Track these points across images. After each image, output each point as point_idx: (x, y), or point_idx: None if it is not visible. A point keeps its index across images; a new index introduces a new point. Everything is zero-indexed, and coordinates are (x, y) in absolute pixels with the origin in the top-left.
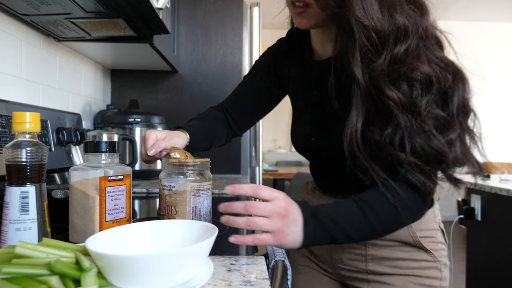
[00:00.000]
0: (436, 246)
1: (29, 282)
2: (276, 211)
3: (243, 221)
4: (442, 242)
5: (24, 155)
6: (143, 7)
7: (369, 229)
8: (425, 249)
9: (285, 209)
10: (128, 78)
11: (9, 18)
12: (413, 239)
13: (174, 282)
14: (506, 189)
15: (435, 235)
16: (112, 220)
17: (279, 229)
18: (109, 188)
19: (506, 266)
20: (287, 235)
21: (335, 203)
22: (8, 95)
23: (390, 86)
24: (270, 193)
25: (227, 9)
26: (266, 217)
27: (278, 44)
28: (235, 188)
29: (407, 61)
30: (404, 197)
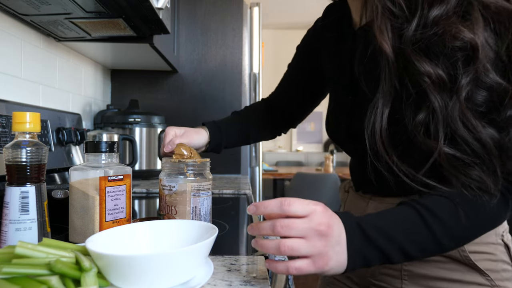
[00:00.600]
0: (495, 266)
1: (29, 282)
2: (314, 228)
3: (273, 245)
4: (505, 261)
5: (24, 155)
6: (143, 7)
7: (434, 243)
8: (478, 269)
9: (326, 225)
10: (128, 78)
11: (9, 18)
12: (460, 254)
13: (174, 282)
14: None
15: (494, 251)
16: (112, 220)
17: (320, 252)
18: (109, 188)
19: None
20: (330, 259)
21: (386, 211)
22: (8, 95)
23: (424, 58)
24: (304, 206)
25: (227, 9)
26: (302, 238)
27: (315, 23)
28: (258, 207)
29: (445, 26)
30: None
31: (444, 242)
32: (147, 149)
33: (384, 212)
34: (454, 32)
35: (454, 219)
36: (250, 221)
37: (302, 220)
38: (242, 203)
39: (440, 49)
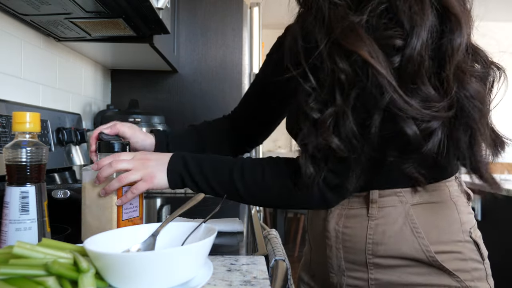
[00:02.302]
0: (464, 266)
1: (26, 282)
2: (136, 162)
3: (115, 181)
4: (475, 259)
5: (24, 155)
6: (143, 7)
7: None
8: (446, 270)
9: (144, 157)
10: (128, 78)
11: (9, 18)
12: (426, 256)
13: (173, 282)
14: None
15: (461, 249)
16: (128, 219)
17: (145, 173)
18: (125, 187)
19: (507, 266)
20: (154, 177)
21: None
22: (8, 95)
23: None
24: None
25: (227, 9)
26: (132, 169)
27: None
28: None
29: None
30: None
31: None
32: None
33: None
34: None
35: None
36: (250, 221)
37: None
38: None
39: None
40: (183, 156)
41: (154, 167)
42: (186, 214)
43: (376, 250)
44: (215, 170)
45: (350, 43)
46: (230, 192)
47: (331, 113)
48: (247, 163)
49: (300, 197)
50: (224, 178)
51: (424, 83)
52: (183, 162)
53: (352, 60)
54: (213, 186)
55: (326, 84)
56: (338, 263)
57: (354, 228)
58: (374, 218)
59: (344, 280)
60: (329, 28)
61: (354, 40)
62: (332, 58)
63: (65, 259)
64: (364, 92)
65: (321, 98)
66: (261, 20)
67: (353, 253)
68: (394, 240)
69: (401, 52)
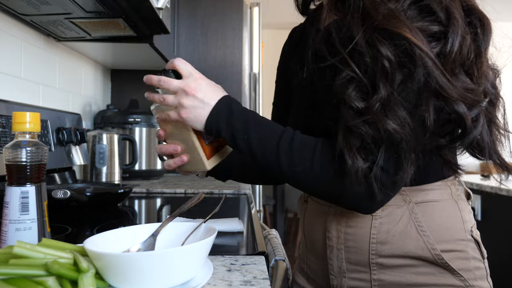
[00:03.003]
0: (467, 265)
1: (26, 282)
2: (182, 88)
3: (158, 96)
4: (477, 258)
5: (24, 155)
6: (143, 7)
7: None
8: (451, 270)
9: (193, 89)
10: (128, 78)
11: (9, 18)
12: (432, 254)
13: (173, 282)
14: (506, 189)
15: (464, 248)
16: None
17: (182, 105)
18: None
19: (506, 266)
20: (189, 113)
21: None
22: (8, 95)
23: (384, 42)
24: (185, 67)
25: (227, 9)
26: (174, 93)
27: (289, 36)
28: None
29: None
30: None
31: (281, 159)
32: (147, 149)
33: (258, 114)
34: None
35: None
36: (250, 221)
37: (178, 80)
38: (242, 203)
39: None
40: (229, 106)
41: (195, 109)
42: (186, 214)
43: (380, 250)
44: (261, 135)
45: (395, 27)
46: (270, 163)
47: (377, 99)
48: (298, 137)
49: (348, 195)
50: (268, 147)
51: (461, 72)
52: (227, 113)
53: (396, 44)
54: (253, 151)
55: (368, 72)
56: (338, 264)
57: (357, 228)
58: (378, 217)
59: (345, 282)
60: (368, 16)
61: (398, 24)
62: (373, 45)
63: (65, 259)
64: (410, 76)
65: (362, 86)
66: (261, 20)
67: (356, 254)
68: (398, 239)
69: (441, 39)
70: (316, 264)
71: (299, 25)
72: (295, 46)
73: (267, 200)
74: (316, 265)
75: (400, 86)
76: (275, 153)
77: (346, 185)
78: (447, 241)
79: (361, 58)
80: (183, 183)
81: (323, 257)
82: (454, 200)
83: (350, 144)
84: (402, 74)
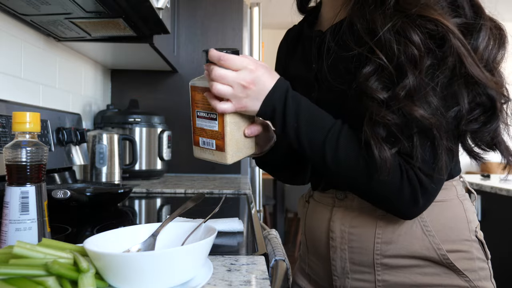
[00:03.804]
0: (472, 265)
1: (26, 282)
2: (238, 82)
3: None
4: (481, 258)
5: (24, 155)
6: (143, 7)
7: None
8: (456, 270)
9: (249, 82)
10: (128, 78)
11: (9, 18)
12: (438, 254)
13: (173, 282)
14: (506, 189)
15: (469, 248)
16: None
17: (239, 101)
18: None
19: (506, 266)
20: (246, 107)
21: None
22: (8, 95)
23: (415, 29)
24: (238, 62)
25: (227, 9)
26: (230, 86)
27: (286, 34)
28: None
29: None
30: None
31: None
32: (147, 149)
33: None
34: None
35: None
36: (250, 221)
37: (233, 73)
38: (242, 203)
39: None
40: (285, 92)
41: (251, 97)
42: (186, 214)
43: (385, 250)
44: (310, 125)
45: (431, 14)
46: (315, 154)
47: (403, 87)
48: (346, 132)
49: (393, 196)
50: (315, 139)
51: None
52: (283, 98)
53: (429, 31)
54: (300, 140)
55: (395, 61)
56: (342, 265)
57: (362, 228)
58: (383, 217)
59: (349, 282)
60: (400, 7)
61: (434, 13)
62: (403, 34)
63: (65, 259)
64: (443, 63)
65: (385, 77)
66: (261, 20)
67: (360, 254)
68: (404, 239)
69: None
70: (318, 265)
71: (294, 26)
72: (294, 46)
73: (267, 200)
74: (318, 266)
75: (430, 72)
76: (321, 146)
77: (391, 185)
78: (452, 242)
79: (389, 47)
80: (183, 183)
81: (325, 258)
82: (459, 200)
83: (376, 134)
84: (434, 60)
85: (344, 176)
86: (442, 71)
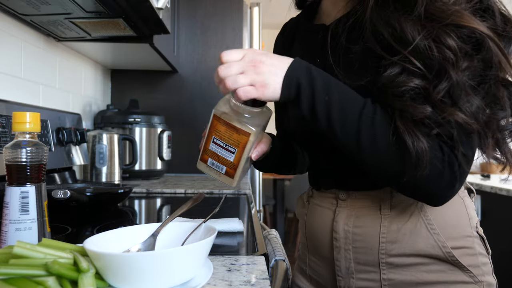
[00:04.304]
0: (475, 261)
1: (26, 282)
2: (247, 65)
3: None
4: (483, 253)
5: (24, 155)
6: (143, 7)
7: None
8: (461, 266)
9: (257, 61)
10: (128, 78)
11: (9, 18)
12: (443, 252)
13: (173, 282)
14: (506, 189)
15: (472, 244)
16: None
17: (256, 79)
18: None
19: (506, 266)
20: (266, 85)
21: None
22: (8, 95)
23: (451, 34)
24: (236, 52)
25: (227, 9)
26: (241, 73)
27: (282, 29)
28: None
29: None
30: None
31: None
32: (147, 149)
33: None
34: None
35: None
36: (250, 221)
37: (237, 61)
38: (242, 203)
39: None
40: (308, 66)
41: (267, 73)
42: (186, 214)
43: (390, 249)
44: (343, 100)
45: (468, 22)
46: (347, 132)
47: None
48: (380, 109)
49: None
50: (349, 114)
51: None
52: (307, 72)
53: (465, 37)
54: (332, 116)
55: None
56: (346, 265)
57: (366, 227)
58: (387, 216)
59: (353, 282)
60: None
61: (471, 20)
62: (438, 41)
63: (65, 259)
64: (481, 66)
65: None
66: (261, 20)
67: (365, 254)
68: (409, 237)
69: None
70: (320, 266)
71: (291, 19)
72: (291, 40)
73: (267, 200)
74: (321, 267)
75: (469, 75)
76: (357, 122)
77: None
78: (455, 238)
79: (425, 55)
80: (183, 183)
81: (328, 259)
82: (460, 197)
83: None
84: (471, 63)
85: (377, 160)
86: (482, 74)
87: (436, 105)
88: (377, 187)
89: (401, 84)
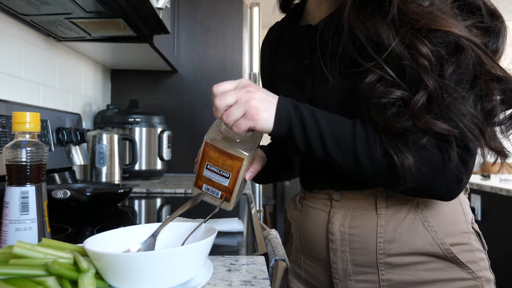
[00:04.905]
0: (473, 257)
1: (26, 282)
2: (241, 90)
3: (223, 116)
4: (480, 249)
5: (24, 155)
6: (143, 7)
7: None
8: (460, 263)
9: (251, 86)
10: (128, 78)
11: (9, 18)
12: (441, 249)
13: (173, 282)
14: (506, 189)
15: (468, 240)
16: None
17: (248, 108)
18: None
19: (506, 266)
20: (259, 113)
21: None
22: (8, 95)
23: (424, 40)
24: (229, 83)
25: (227, 9)
26: (236, 103)
27: (267, 34)
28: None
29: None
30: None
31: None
32: (147, 149)
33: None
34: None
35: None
36: (250, 221)
37: (231, 91)
38: (242, 203)
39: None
40: (292, 100)
41: (260, 101)
42: (186, 214)
43: (388, 249)
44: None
45: (441, 25)
46: (345, 154)
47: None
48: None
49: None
50: (342, 138)
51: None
52: (293, 106)
53: (441, 41)
54: (325, 141)
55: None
56: (343, 267)
57: (362, 228)
58: (383, 215)
59: (351, 285)
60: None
61: (444, 23)
62: (411, 46)
63: (65, 259)
64: (461, 67)
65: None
66: (261, 20)
67: (362, 255)
68: (406, 236)
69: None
70: (316, 269)
71: (276, 23)
72: (277, 44)
73: (267, 200)
74: (316, 270)
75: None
76: (351, 141)
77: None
78: (453, 235)
79: (398, 63)
80: (183, 183)
81: (325, 261)
82: None
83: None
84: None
85: (380, 174)
86: (469, 76)
87: (415, 116)
88: (372, 186)
89: (382, 95)
